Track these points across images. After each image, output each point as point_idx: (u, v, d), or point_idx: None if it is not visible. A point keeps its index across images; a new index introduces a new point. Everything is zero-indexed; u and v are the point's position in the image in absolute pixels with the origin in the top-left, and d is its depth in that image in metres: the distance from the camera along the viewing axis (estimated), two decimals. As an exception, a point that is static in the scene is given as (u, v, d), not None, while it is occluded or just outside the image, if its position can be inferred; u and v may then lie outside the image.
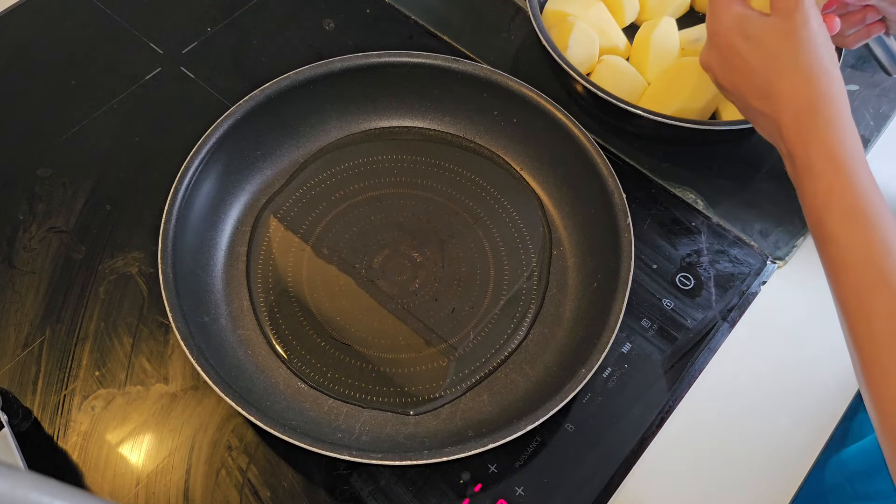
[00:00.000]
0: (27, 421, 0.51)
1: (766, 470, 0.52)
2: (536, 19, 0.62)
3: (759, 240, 0.61)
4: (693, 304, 0.57)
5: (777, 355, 0.57)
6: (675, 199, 0.62)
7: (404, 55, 0.60)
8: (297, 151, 0.62)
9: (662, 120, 0.58)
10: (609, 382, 0.53)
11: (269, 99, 0.58)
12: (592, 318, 0.52)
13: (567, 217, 0.59)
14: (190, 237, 0.54)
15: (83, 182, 0.61)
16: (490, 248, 0.58)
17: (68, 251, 0.58)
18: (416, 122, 0.64)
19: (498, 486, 0.49)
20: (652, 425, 0.53)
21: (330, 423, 0.51)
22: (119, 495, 0.49)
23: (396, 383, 0.53)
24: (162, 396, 0.52)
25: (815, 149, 0.44)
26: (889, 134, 0.67)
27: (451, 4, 0.74)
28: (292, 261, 0.57)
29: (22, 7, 0.71)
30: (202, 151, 0.55)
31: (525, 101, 0.59)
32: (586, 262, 0.57)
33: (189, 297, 0.51)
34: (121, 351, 0.54)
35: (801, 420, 0.54)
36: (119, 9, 0.71)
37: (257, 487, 0.49)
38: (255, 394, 0.50)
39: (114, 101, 0.66)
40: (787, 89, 0.46)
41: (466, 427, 0.51)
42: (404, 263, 0.58)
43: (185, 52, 0.69)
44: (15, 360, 0.53)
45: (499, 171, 0.62)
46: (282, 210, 0.59)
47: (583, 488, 0.50)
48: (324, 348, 0.54)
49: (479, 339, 0.55)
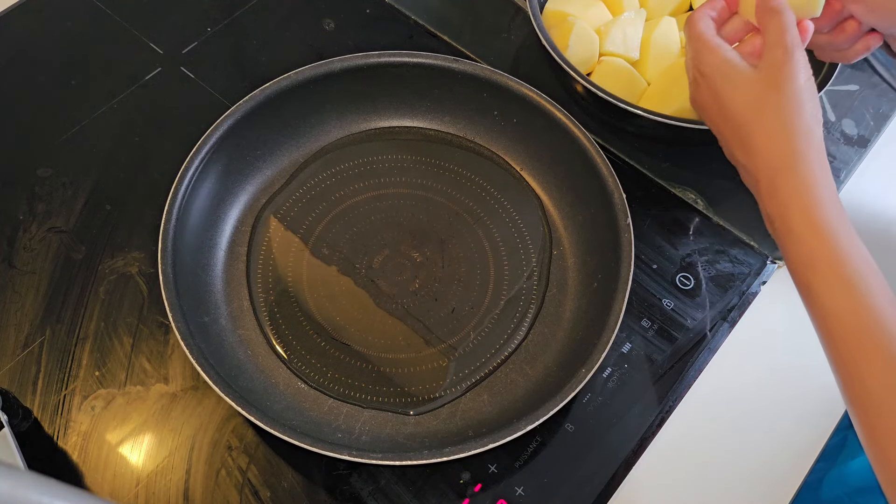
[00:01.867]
0: (27, 421, 0.51)
1: (765, 470, 0.52)
2: (536, 19, 0.62)
3: (759, 240, 0.61)
4: (693, 304, 0.57)
5: (777, 355, 0.57)
6: (675, 199, 0.62)
7: (404, 55, 0.60)
8: (297, 151, 0.62)
9: (662, 120, 0.58)
10: (609, 382, 0.53)
11: (269, 99, 0.58)
12: (592, 318, 0.52)
13: (567, 217, 0.59)
14: (190, 237, 0.54)
15: (83, 182, 0.61)
16: (490, 248, 0.58)
17: (68, 251, 0.58)
18: (416, 122, 0.64)
19: (498, 486, 0.50)
20: (652, 425, 0.53)
21: (330, 423, 0.51)
22: (119, 495, 0.49)
23: (396, 383, 0.53)
24: (162, 396, 0.52)
25: (792, 212, 0.43)
26: (889, 134, 0.67)
27: (451, 4, 0.74)
28: (292, 261, 0.57)
29: (22, 7, 0.71)
30: (202, 151, 0.55)
31: (525, 101, 0.59)
32: (586, 262, 0.57)
33: (189, 297, 0.51)
34: (121, 351, 0.54)
35: (801, 420, 0.54)
36: (119, 9, 0.71)
37: (257, 487, 0.49)
38: (255, 394, 0.50)
39: (114, 101, 0.66)
40: (764, 145, 0.45)
41: (466, 427, 0.51)
42: (404, 263, 0.58)
43: (185, 52, 0.69)
44: (15, 360, 0.53)
45: (499, 171, 0.62)
46: (282, 210, 0.59)
47: (583, 488, 0.50)
48: (324, 348, 0.54)
49: (479, 339, 0.55)
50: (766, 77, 0.46)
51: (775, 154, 0.45)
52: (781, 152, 0.44)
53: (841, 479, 0.59)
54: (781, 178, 0.44)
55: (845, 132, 0.67)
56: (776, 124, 0.45)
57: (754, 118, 0.46)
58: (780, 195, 0.44)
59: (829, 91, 0.68)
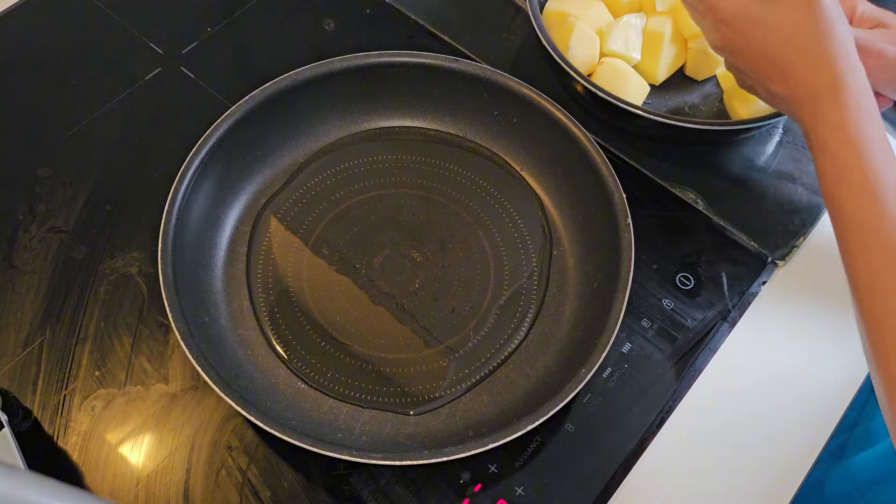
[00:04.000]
0: (27, 421, 0.51)
1: (766, 469, 0.52)
2: (536, 19, 0.62)
3: (759, 240, 0.61)
4: (693, 304, 0.57)
5: (777, 355, 0.57)
6: (675, 199, 0.62)
7: (404, 55, 0.60)
8: (297, 151, 0.62)
9: (662, 120, 0.58)
10: (609, 382, 0.53)
11: (269, 99, 0.58)
12: (592, 318, 0.52)
13: (567, 217, 0.59)
14: (190, 237, 0.54)
15: (83, 182, 0.61)
16: (490, 248, 0.58)
17: (68, 251, 0.58)
18: (416, 122, 0.64)
19: (498, 486, 0.49)
20: (652, 425, 0.53)
21: (330, 423, 0.51)
22: (119, 495, 0.49)
23: (396, 383, 0.53)
24: (162, 396, 0.52)
25: (829, 130, 0.44)
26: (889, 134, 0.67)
27: (451, 4, 0.74)
28: (292, 261, 0.57)
29: (22, 7, 0.71)
30: (202, 151, 0.55)
31: (525, 101, 0.59)
32: (586, 262, 0.57)
33: (189, 297, 0.51)
34: (121, 351, 0.54)
35: (801, 420, 0.54)
36: (119, 9, 0.71)
37: (257, 487, 0.49)
38: (255, 394, 0.50)
39: (114, 101, 0.66)
40: (802, 73, 0.46)
41: (466, 427, 0.51)
42: (404, 263, 0.58)
43: (185, 52, 0.69)
44: (15, 360, 0.53)
45: (499, 171, 0.62)
46: (282, 210, 0.59)
47: (583, 488, 0.50)
48: (324, 348, 0.54)
49: (479, 340, 0.55)
50: (794, 5, 0.46)
51: (816, 79, 0.45)
52: (821, 78, 0.45)
53: (847, 474, 0.59)
54: (820, 100, 0.45)
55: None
56: (814, 53, 0.45)
57: (793, 52, 0.46)
58: (818, 115, 0.45)
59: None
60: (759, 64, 0.49)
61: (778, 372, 0.56)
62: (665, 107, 0.67)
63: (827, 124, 0.45)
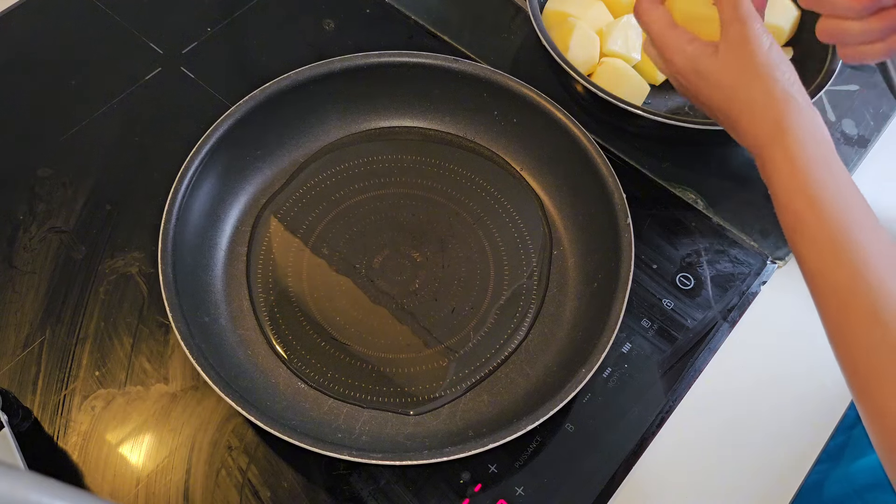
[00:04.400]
0: (27, 421, 0.51)
1: (766, 469, 0.52)
2: (536, 19, 0.62)
3: (759, 240, 0.61)
4: (693, 304, 0.57)
5: (777, 355, 0.57)
6: (675, 199, 0.62)
7: (404, 55, 0.60)
8: (297, 151, 0.62)
9: (662, 120, 0.58)
10: (609, 382, 0.53)
11: (269, 99, 0.58)
12: (592, 318, 0.52)
13: (567, 217, 0.59)
14: (190, 237, 0.54)
15: (83, 182, 0.61)
16: (490, 248, 0.58)
17: (68, 251, 0.58)
18: (416, 122, 0.64)
19: (498, 486, 0.49)
20: (652, 425, 0.53)
21: (330, 423, 0.51)
22: (119, 495, 0.49)
23: (396, 383, 0.53)
24: (162, 396, 0.52)
25: (780, 180, 0.44)
26: (889, 134, 0.67)
27: (451, 4, 0.74)
28: (292, 261, 0.57)
29: (22, 7, 0.71)
30: (202, 151, 0.55)
31: (525, 101, 0.59)
32: (586, 262, 0.57)
33: (189, 297, 0.51)
34: (121, 351, 0.54)
35: (801, 420, 0.54)
36: (119, 9, 0.71)
37: (257, 487, 0.49)
38: (255, 394, 0.50)
39: (114, 101, 0.66)
40: (746, 126, 0.46)
41: (466, 427, 0.51)
42: (404, 263, 0.58)
43: (185, 52, 0.69)
44: (15, 360, 0.53)
45: (499, 171, 0.62)
46: (282, 210, 0.59)
47: (583, 488, 0.50)
48: (324, 348, 0.54)
49: (479, 339, 0.55)
50: (731, 59, 0.46)
51: (761, 133, 0.45)
52: (766, 130, 0.45)
53: (847, 477, 0.59)
54: (767, 153, 0.45)
55: (845, 132, 0.67)
56: (753, 103, 0.45)
57: (737, 106, 0.47)
58: (767, 167, 0.45)
59: (829, 91, 0.68)
60: (714, 115, 0.50)
61: (778, 372, 0.56)
62: (665, 107, 0.67)
63: (776, 174, 0.44)
